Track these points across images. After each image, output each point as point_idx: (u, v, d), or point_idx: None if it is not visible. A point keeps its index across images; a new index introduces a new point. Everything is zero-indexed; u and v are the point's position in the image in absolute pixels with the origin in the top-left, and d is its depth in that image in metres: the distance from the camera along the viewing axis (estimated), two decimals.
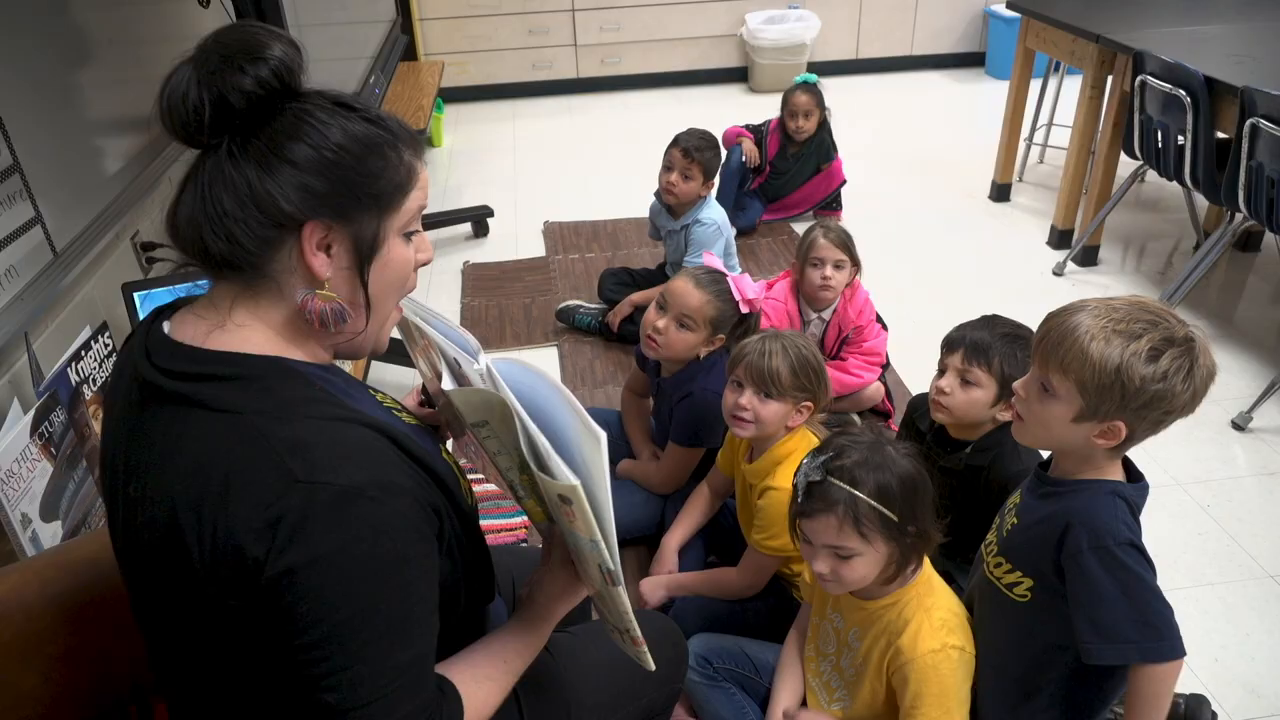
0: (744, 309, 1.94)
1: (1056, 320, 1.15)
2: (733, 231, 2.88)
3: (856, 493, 1.22)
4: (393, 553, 0.78)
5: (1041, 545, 1.21)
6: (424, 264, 0.93)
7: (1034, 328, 1.63)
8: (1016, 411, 1.22)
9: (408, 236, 0.88)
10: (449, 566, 0.89)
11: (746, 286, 1.94)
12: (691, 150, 2.66)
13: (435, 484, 0.87)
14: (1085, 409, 1.12)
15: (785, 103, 3.51)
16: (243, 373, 0.81)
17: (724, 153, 3.47)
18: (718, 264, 2.03)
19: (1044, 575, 1.22)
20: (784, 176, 3.60)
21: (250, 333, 0.84)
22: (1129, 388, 1.08)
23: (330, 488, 0.75)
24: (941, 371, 1.64)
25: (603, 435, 0.85)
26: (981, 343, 1.59)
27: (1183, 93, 2.57)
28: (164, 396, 0.81)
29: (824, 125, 3.54)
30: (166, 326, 0.85)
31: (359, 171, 0.82)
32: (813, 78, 3.56)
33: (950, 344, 1.64)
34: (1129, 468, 1.23)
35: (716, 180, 3.41)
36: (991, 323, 1.65)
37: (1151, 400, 1.09)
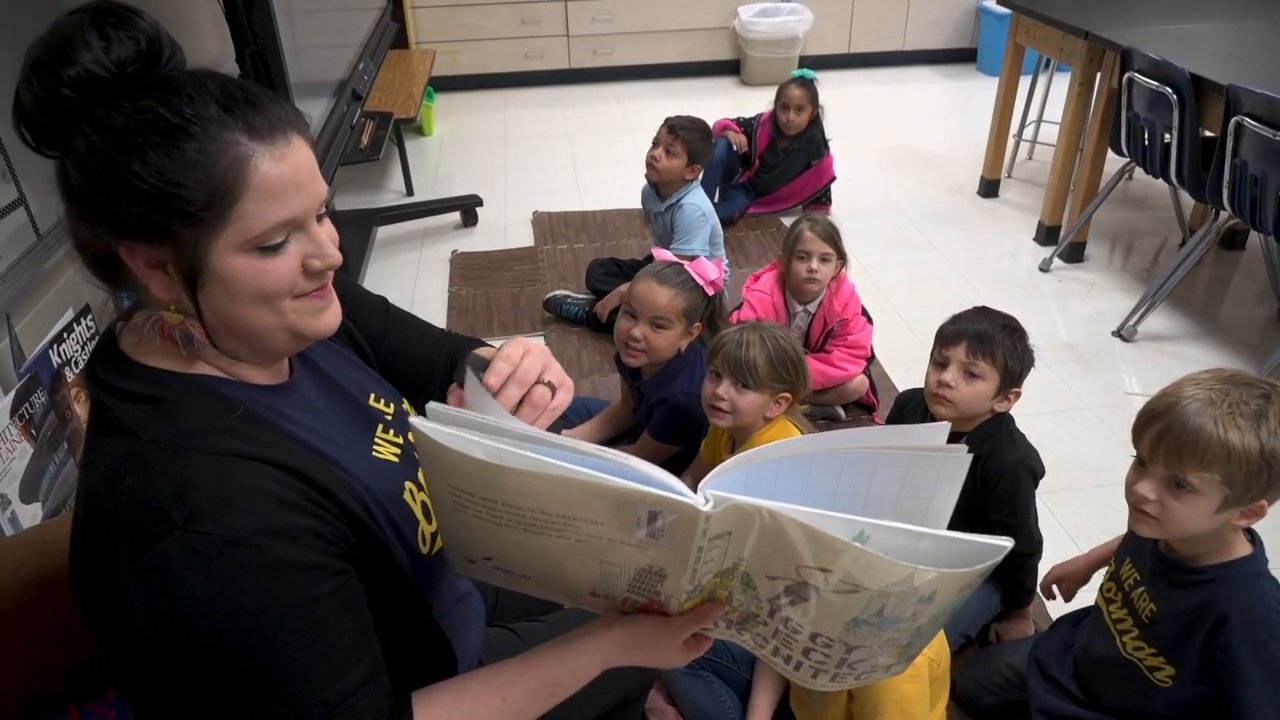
0: (709, 291, 1.95)
1: (1172, 418, 1.13)
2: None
3: None
4: (289, 596, 0.73)
5: (1189, 636, 1.22)
6: (320, 270, 0.79)
7: (1021, 321, 1.66)
8: (1146, 512, 1.19)
9: (265, 250, 0.75)
10: (380, 591, 0.84)
11: (706, 269, 1.95)
12: (678, 128, 2.69)
13: (352, 523, 0.81)
14: (1231, 497, 1.13)
15: (778, 95, 3.51)
16: (158, 393, 0.77)
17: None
18: (669, 256, 2.04)
19: (1188, 664, 1.23)
20: (773, 171, 3.61)
21: (154, 349, 0.79)
22: (1275, 467, 1.10)
23: (209, 538, 0.70)
24: (942, 364, 1.62)
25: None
26: (985, 334, 1.59)
27: (1169, 90, 2.59)
28: (94, 407, 0.79)
29: (816, 122, 3.53)
30: (120, 328, 0.82)
31: (145, 188, 0.70)
32: (809, 73, 3.54)
33: (951, 337, 1.62)
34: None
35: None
36: (987, 314, 1.65)
37: None
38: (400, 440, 0.98)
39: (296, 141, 0.76)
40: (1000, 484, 1.62)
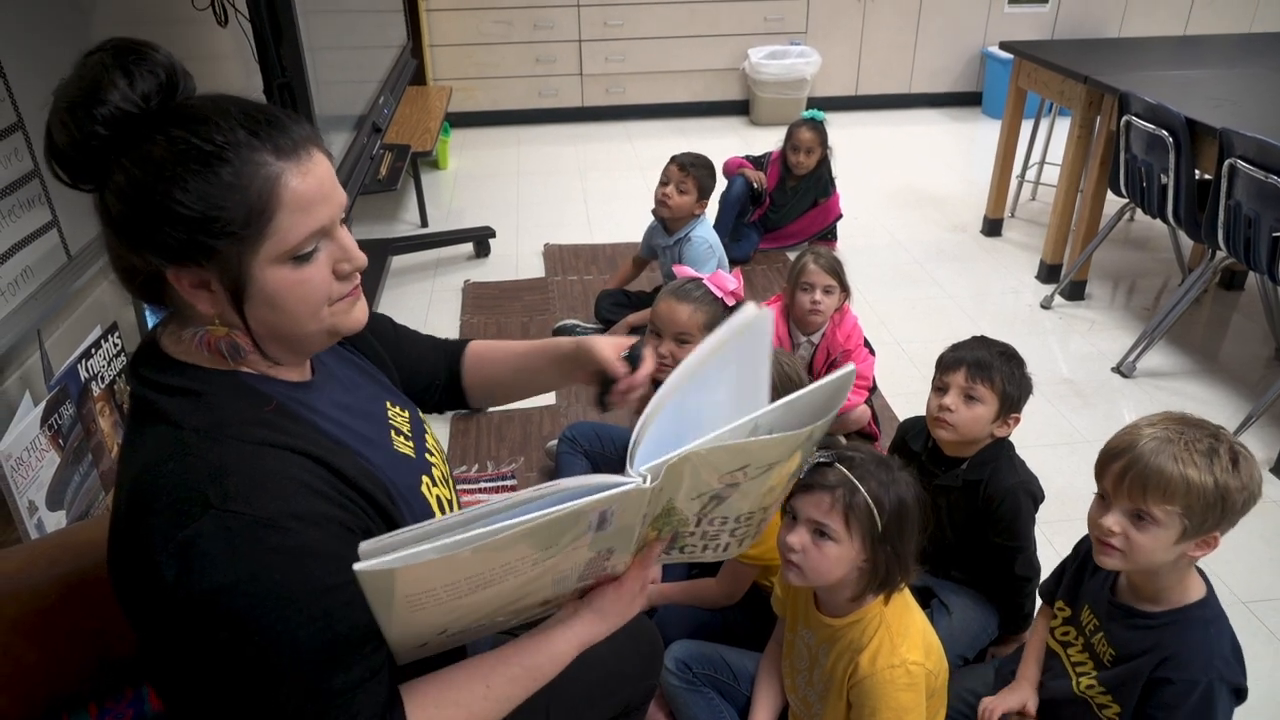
0: (729, 301, 2.01)
1: (1133, 455, 1.22)
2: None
3: (857, 485, 1.25)
4: (309, 581, 0.77)
5: (1137, 675, 1.28)
6: (351, 272, 0.86)
7: (1020, 353, 1.71)
8: (1112, 545, 1.25)
9: (299, 259, 0.81)
10: None
11: (724, 280, 2.01)
12: (687, 165, 2.78)
13: (378, 513, 0.86)
14: (1189, 528, 1.20)
15: (789, 136, 3.57)
16: (196, 387, 0.82)
17: (724, 182, 3.56)
18: (688, 271, 2.10)
19: (1131, 701, 1.30)
20: (781, 210, 3.67)
21: (193, 352, 0.85)
22: (1228, 501, 1.18)
23: (242, 517, 0.75)
24: (942, 390, 1.68)
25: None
26: (984, 361, 1.65)
27: (1165, 133, 2.65)
28: (139, 407, 0.84)
29: (824, 162, 3.59)
30: (160, 332, 0.88)
31: (189, 214, 0.75)
32: (820, 115, 3.59)
33: (951, 364, 1.68)
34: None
35: (717, 207, 3.51)
36: (986, 342, 1.71)
37: (1242, 506, 1.19)
38: (414, 443, 1.03)
39: (317, 155, 0.81)
40: (1001, 507, 1.66)
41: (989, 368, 1.64)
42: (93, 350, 1.60)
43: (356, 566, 0.69)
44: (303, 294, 0.82)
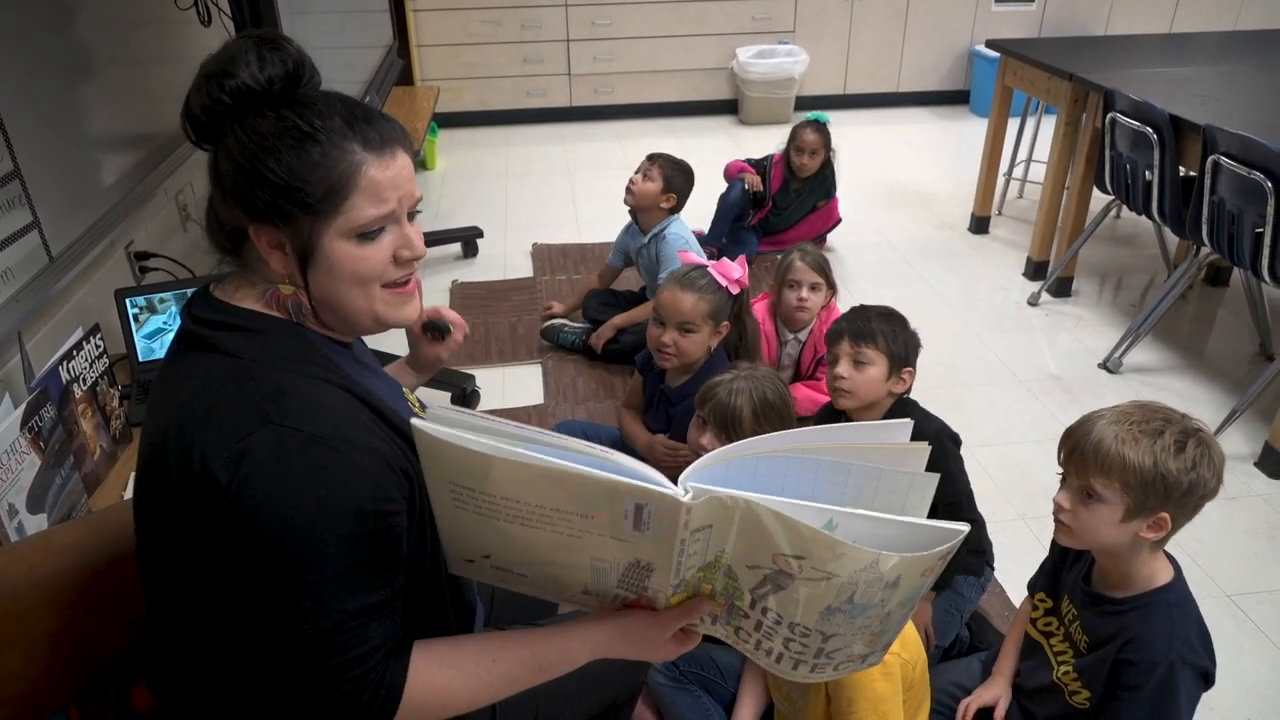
0: (733, 290, 2.01)
1: (1081, 433, 1.26)
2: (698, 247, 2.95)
3: None
4: (348, 502, 0.82)
5: (1104, 659, 1.31)
6: (410, 260, 0.93)
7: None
8: (1063, 523, 1.30)
9: (364, 237, 0.89)
10: (416, 541, 0.92)
11: (729, 269, 2.02)
12: (656, 156, 2.81)
13: (413, 453, 0.90)
14: (1132, 506, 1.22)
15: (792, 138, 3.55)
16: (252, 325, 0.90)
17: (711, 184, 3.56)
18: (693, 259, 2.10)
19: (1099, 685, 1.32)
20: (784, 212, 3.65)
21: (246, 297, 0.93)
22: (1168, 480, 1.19)
23: (298, 434, 0.82)
24: (834, 362, 1.76)
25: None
26: (862, 326, 1.75)
27: (1150, 130, 2.67)
28: (189, 339, 0.91)
29: (827, 164, 3.59)
30: (214, 286, 0.95)
31: (277, 181, 0.84)
32: (825, 117, 3.58)
33: (834, 336, 1.79)
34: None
35: (715, 210, 3.51)
36: (864, 311, 1.80)
37: (1188, 489, 1.20)
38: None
39: (400, 154, 0.91)
40: (931, 456, 1.66)
41: (869, 331, 1.73)
42: (74, 352, 1.59)
43: (413, 419, 0.80)
44: (360, 269, 0.89)
